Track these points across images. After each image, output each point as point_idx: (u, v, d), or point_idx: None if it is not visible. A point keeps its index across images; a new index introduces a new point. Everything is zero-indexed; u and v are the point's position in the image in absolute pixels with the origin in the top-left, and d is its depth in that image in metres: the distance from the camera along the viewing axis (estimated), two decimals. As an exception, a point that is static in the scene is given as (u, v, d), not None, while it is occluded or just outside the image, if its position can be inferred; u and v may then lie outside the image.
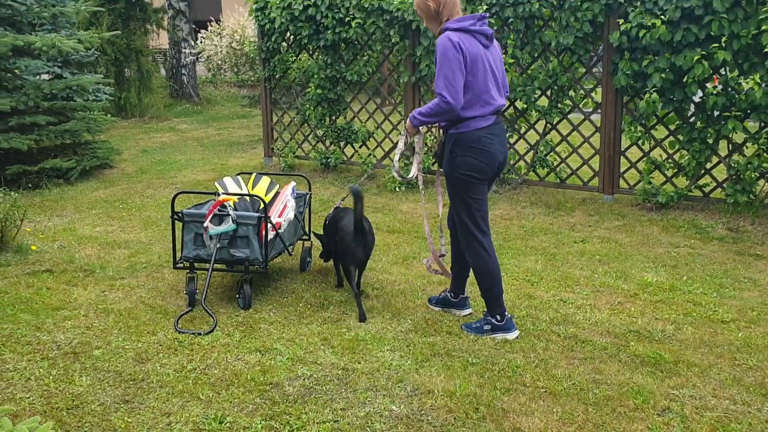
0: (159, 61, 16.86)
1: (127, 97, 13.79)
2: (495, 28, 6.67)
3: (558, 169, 7.01)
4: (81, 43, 8.43)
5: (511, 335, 3.88)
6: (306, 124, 8.49)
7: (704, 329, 3.98)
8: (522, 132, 7.11)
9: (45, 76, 9.97)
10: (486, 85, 3.67)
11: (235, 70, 12.15)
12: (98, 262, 5.18)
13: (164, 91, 15.78)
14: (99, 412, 3.08)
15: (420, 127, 3.89)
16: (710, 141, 6.05)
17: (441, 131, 3.91)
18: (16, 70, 8.22)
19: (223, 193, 4.40)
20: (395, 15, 7.25)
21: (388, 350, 3.73)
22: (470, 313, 4.25)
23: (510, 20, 6.69)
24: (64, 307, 4.27)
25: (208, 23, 13.40)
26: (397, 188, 7.44)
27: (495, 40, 3.84)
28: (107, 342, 3.79)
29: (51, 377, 3.38)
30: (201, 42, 12.79)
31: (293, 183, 4.83)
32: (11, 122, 7.59)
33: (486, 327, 3.92)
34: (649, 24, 5.87)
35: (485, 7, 6.64)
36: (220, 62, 12.11)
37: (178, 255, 4.44)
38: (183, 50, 14.90)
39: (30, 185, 7.67)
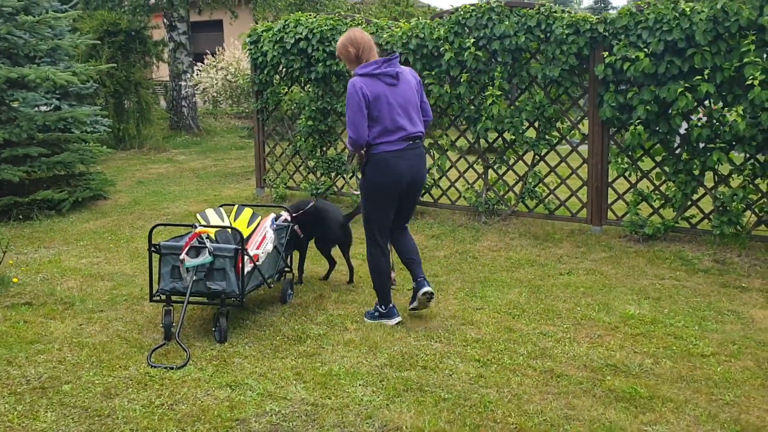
0: (159, 93, 17.05)
1: (126, 128, 13.90)
2: (483, 59, 6.73)
3: (547, 200, 7.00)
4: (76, 76, 8.55)
5: (392, 321, 4.56)
6: (297, 155, 8.53)
7: (683, 363, 3.93)
8: (510, 163, 7.12)
9: (44, 108, 10.09)
10: (392, 118, 4.30)
11: (230, 102, 12.25)
12: (79, 294, 5.17)
13: (164, 123, 15.93)
14: (60, 449, 3.04)
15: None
16: (696, 172, 6.04)
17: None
18: (14, 102, 8.31)
19: (200, 226, 4.39)
20: (384, 48, 7.31)
21: (360, 385, 3.69)
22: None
23: (497, 53, 6.74)
24: (39, 341, 4.25)
25: (204, 56, 13.55)
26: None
27: (409, 75, 4.46)
28: (77, 377, 3.76)
29: (16, 413, 3.35)
30: (197, 74, 12.93)
31: (273, 215, 4.83)
32: (3, 154, 7.66)
33: (376, 314, 4.63)
34: (633, 57, 5.91)
35: (472, 40, 6.69)
36: (215, 94, 12.21)
37: (156, 287, 4.42)
38: (183, 82, 15.07)
39: (21, 217, 7.70)
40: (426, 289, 4.58)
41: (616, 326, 4.50)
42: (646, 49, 5.86)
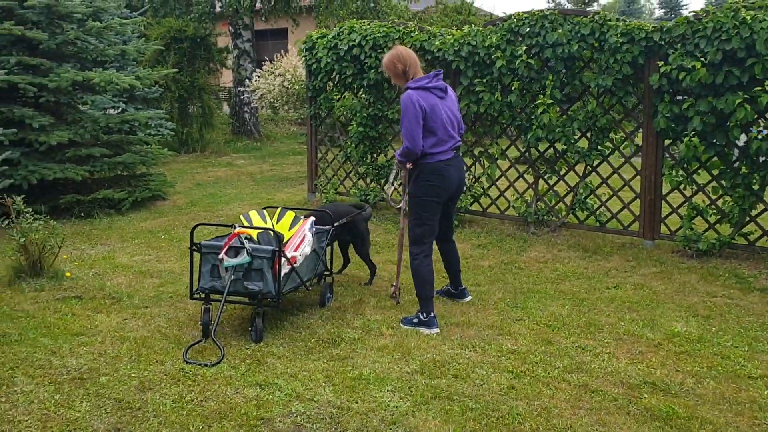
0: (223, 99, 17.49)
1: (189, 132, 14.32)
2: (535, 68, 6.64)
3: (598, 212, 6.84)
4: (140, 80, 8.85)
5: (430, 331, 4.56)
6: (348, 161, 8.59)
7: (727, 384, 3.76)
8: (561, 174, 6.99)
9: (111, 111, 10.50)
10: (444, 129, 4.57)
11: (286, 108, 12.45)
12: (127, 290, 5.33)
13: (226, 128, 16.34)
14: (90, 438, 3.14)
15: (406, 163, 4.71)
16: (755, 187, 5.79)
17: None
18: (84, 105, 8.67)
19: (240, 226, 4.47)
20: (436, 55, 7.31)
21: (388, 391, 3.67)
22: (470, 300, 5.10)
23: (550, 61, 6.64)
24: (84, 333, 4.40)
25: (263, 63, 13.83)
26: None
27: (450, 89, 4.73)
28: (115, 369, 3.87)
29: (53, 401, 3.48)
30: (255, 81, 13.21)
31: (312, 218, 4.87)
32: (68, 154, 7.98)
33: (415, 320, 4.64)
34: (690, 66, 5.72)
35: (524, 47, 6.61)
36: (272, 100, 12.44)
37: (196, 286, 4.52)
38: (246, 89, 15.41)
39: (82, 214, 8.00)
40: (469, 298, 5.09)
41: (659, 343, 4.34)
42: (703, 59, 5.67)
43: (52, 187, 8.06)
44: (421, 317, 4.62)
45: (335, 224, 5.16)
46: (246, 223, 4.70)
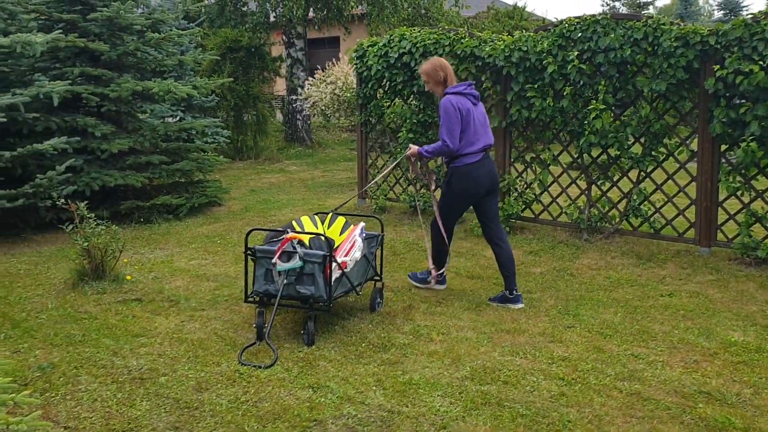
0: (276, 107, 17.80)
1: (243, 139, 14.61)
2: (587, 73, 6.59)
3: (652, 219, 6.73)
4: (196, 89, 9.10)
5: (439, 287, 5.53)
6: (398, 168, 8.65)
7: (787, 396, 3.67)
8: (615, 180, 6.90)
9: (169, 119, 10.83)
10: (476, 131, 5.06)
11: (338, 115, 12.61)
12: (185, 293, 5.50)
13: (279, 135, 16.62)
14: (150, 436, 3.26)
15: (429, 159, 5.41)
16: (818, 193, 5.62)
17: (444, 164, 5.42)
18: (144, 114, 8.96)
19: (292, 231, 4.57)
20: (487, 61, 7.31)
21: (439, 396, 3.71)
22: (522, 307, 5.15)
23: (602, 66, 6.57)
24: (144, 335, 4.57)
25: (315, 71, 14.04)
26: (484, 233, 7.37)
27: (479, 100, 5.21)
28: (174, 370, 4.01)
29: (115, 400, 3.62)
30: (307, 89, 13.41)
31: (362, 224, 4.94)
32: (128, 161, 8.26)
33: (427, 278, 5.58)
34: (747, 70, 5.59)
35: (576, 52, 6.57)
36: (324, 108, 12.61)
37: (250, 289, 4.64)
38: (295, 97, 15.66)
39: (142, 219, 8.26)
40: (521, 305, 5.18)
41: (715, 352, 4.26)
42: (761, 62, 5.53)
43: (113, 194, 8.35)
44: (431, 271, 5.45)
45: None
46: (298, 228, 4.80)
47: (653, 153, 6.50)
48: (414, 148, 5.38)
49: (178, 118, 11.71)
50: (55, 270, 6.20)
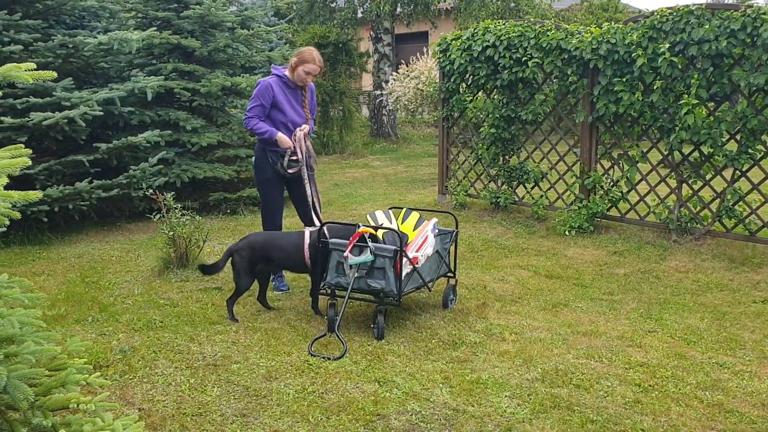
0: (362, 102, 17.95)
1: (330, 134, 14.82)
2: (679, 66, 6.27)
3: (747, 220, 6.34)
4: (283, 85, 9.27)
5: None
6: (479, 163, 8.53)
7: None
8: (707, 178, 6.54)
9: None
10: None
11: (421, 110, 12.57)
12: (254, 285, 5.60)
13: (364, 130, 16.76)
14: (218, 422, 3.34)
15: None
16: None
17: None
18: (234, 108, 9.24)
19: (364, 226, 4.58)
20: (573, 54, 7.09)
21: (506, 396, 3.62)
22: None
23: (695, 59, 6.24)
24: (220, 323, 4.70)
25: (398, 66, 14.06)
26: (566, 232, 7.18)
27: None
28: (246, 358, 4.10)
29: (188, 385, 3.74)
30: (391, 84, 13.44)
31: (435, 220, 4.89)
32: (217, 154, 8.53)
33: None
34: None
35: (667, 45, 6.26)
36: (407, 103, 12.60)
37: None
38: (383, 91, 15.73)
39: (228, 211, 8.51)
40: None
41: (810, 365, 3.97)
42: None
43: (202, 185, 8.64)
44: None
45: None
46: (372, 223, 4.80)
47: (750, 150, 6.11)
48: (306, 127, 5.26)
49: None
50: (144, 257, 6.47)
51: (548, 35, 7.28)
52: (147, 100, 7.77)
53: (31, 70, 2.34)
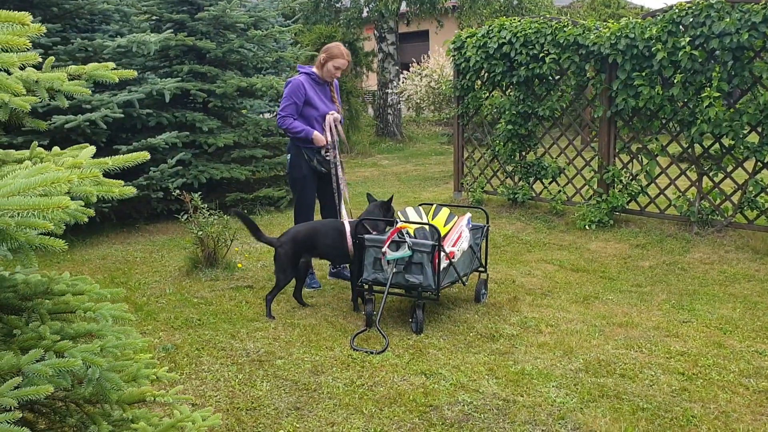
0: (367, 101, 17.96)
1: (337, 134, 14.82)
2: (699, 59, 6.31)
3: (770, 211, 6.39)
4: (295, 85, 9.30)
5: None
6: (495, 160, 8.57)
7: None
8: (728, 170, 6.59)
9: (267, 115, 11.12)
10: None
11: (432, 108, 12.60)
12: (293, 281, 5.63)
13: (371, 130, 16.78)
14: (273, 416, 3.37)
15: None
16: None
17: None
18: (243, 110, 9.27)
19: (401, 221, 4.61)
20: (591, 49, 7.13)
21: (553, 386, 3.66)
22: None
23: (716, 52, 6.28)
24: (258, 320, 4.72)
25: (410, 64, 14.08)
26: (586, 227, 7.22)
27: None
28: (289, 353, 4.12)
29: (237, 380, 3.77)
30: (402, 82, 13.47)
31: (468, 215, 4.92)
32: (233, 154, 8.55)
33: None
34: None
35: (687, 39, 6.30)
36: (419, 101, 12.63)
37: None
38: (389, 91, 15.76)
39: (245, 211, 8.50)
40: None
41: None
42: None
43: (219, 186, 8.66)
44: None
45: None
46: (402, 218, 4.84)
47: (772, 142, 6.17)
48: (337, 114, 5.42)
49: (275, 113, 12.00)
50: (169, 258, 6.49)
51: (565, 31, 7.32)
52: (164, 101, 7.78)
53: (113, 69, 2.36)
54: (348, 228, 4.92)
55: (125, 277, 5.88)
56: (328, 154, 5.34)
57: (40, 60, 2.13)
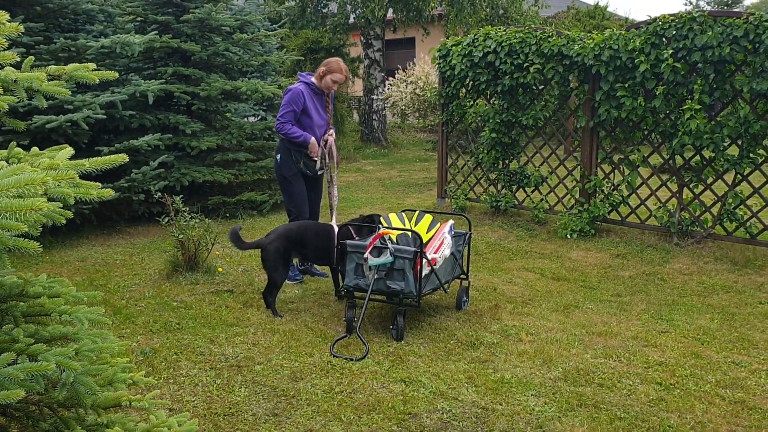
0: (353, 107, 17.98)
1: (322, 139, 14.81)
2: (681, 72, 6.38)
3: (748, 223, 6.46)
4: (281, 89, 9.28)
5: None
6: (479, 168, 8.60)
7: None
8: (708, 182, 6.66)
9: (251, 119, 11.09)
10: None
11: (417, 115, 12.63)
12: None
13: (356, 135, 16.78)
14: (251, 422, 3.35)
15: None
16: None
17: None
18: (227, 113, 9.23)
19: (383, 227, 4.60)
20: (575, 60, 7.18)
21: (532, 395, 3.67)
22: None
23: (698, 65, 6.36)
24: (237, 324, 4.69)
25: (396, 71, 14.11)
26: (568, 235, 7.26)
27: None
28: (268, 359, 4.10)
29: (215, 385, 3.74)
30: (388, 89, 13.49)
31: (451, 221, 4.93)
32: (216, 158, 8.51)
33: None
34: None
35: (670, 51, 6.37)
36: (404, 107, 12.66)
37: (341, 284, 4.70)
38: (375, 97, 15.78)
39: (228, 215, 8.49)
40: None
41: (824, 363, 4.06)
42: None
43: (201, 189, 8.61)
44: None
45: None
46: (385, 224, 4.84)
47: (751, 155, 6.24)
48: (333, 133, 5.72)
49: (260, 117, 11.99)
50: (149, 261, 6.44)
51: (550, 41, 7.37)
52: (147, 103, 7.74)
53: (93, 70, 2.34)
54: (336, 231, 5.07)
55: (104, 280, 5.82)
56: (321, 171, 5.66)
57: (18, 59, 2.09)
